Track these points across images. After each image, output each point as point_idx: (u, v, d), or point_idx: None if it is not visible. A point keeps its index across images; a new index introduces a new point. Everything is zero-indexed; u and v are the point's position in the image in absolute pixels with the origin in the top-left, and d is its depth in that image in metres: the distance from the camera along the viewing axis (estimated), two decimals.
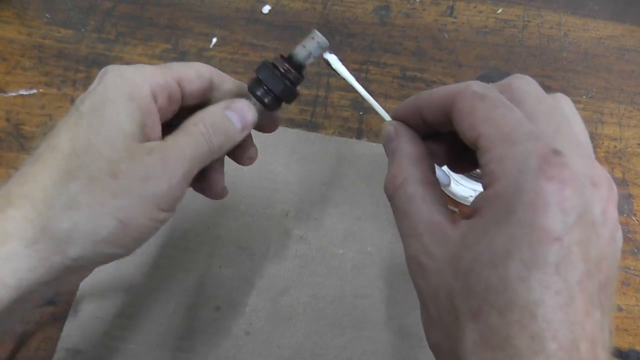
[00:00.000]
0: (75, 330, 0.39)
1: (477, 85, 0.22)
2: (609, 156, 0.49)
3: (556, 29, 0.57)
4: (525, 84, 0.23)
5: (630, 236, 0.45)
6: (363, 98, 0.28)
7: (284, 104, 0.30)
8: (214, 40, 0.55)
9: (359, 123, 0.50)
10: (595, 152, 0.49)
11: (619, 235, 0.21)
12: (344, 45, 0.55)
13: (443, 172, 0.25)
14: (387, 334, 0.40)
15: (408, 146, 0.24)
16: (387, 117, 0.26)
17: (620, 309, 0.42)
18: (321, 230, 0.43)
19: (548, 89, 0.53)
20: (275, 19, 0.56)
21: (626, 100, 0.53)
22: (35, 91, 0.51)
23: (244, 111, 0.28)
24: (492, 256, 0.19)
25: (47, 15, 0.56)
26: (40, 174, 0.24)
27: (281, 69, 0.28)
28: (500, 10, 0.58)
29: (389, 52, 0.55)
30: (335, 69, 0.28)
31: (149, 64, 0.28)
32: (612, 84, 0.54)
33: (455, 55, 0.54)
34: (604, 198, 0.20)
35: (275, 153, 0.47)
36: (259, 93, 0.28)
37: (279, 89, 0.28)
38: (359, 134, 0.49)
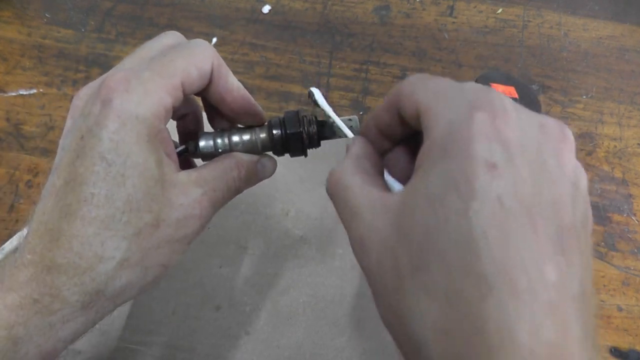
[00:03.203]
0: None
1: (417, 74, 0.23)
2: (609, 156, 0.49)
3: (556, 29, 0.57)
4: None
5: (630, 236, 0.45)
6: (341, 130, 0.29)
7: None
8: (214, 40, 0.55)
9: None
10: (595, 152, 0.50)
11: (583, 184, 0.19)
12: (344, 45, 0.55)
13: (394, 180, 0.24)
14: (387, 334, 0.39)
15: (355, 148, 0.25)
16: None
17: (620, 309, 0.42)
18: (321, 230, 0.43)
19: (548, 89, 0.53)
20: (275, 19, 0.56)
21: (626, 100, 0.53)
22: (35, 91, 0.51)
23: (268, 167, 0.30)
24: (429, 198, 0.17)
25: (47, 15, 0.56)
26: (82, 234, 0.23)
27: (306, 129, 0.29)
28: (500, 10, 0.58)
29: (389, 52, 0.55)
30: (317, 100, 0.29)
31: None
32: (612, 84, 0.54)
33: (455, 55, 0.54)
34: (554, 139, 0.19)
35: None
36: (274, 132, 0.29)
37: (294, 143, 0.29)
38: None
